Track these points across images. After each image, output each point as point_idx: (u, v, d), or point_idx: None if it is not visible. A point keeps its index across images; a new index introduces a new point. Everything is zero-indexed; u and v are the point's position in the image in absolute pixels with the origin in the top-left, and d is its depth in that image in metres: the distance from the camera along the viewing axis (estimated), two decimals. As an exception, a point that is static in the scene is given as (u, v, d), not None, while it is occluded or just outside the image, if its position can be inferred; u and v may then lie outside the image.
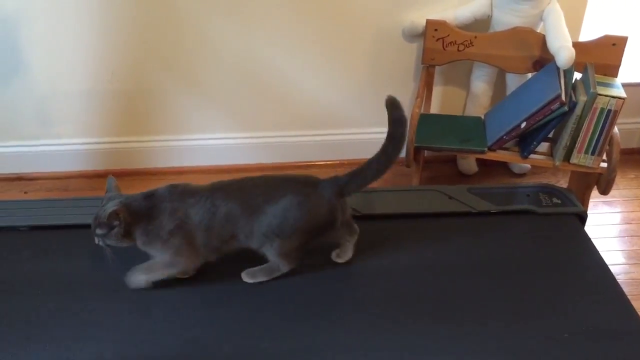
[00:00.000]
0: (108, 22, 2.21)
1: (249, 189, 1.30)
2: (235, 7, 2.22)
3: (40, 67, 2.27)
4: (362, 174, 1.33)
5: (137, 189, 2.34)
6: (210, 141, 2.49)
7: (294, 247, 1.33)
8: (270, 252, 1.32)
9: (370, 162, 1.34)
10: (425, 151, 2.33)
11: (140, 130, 2.45)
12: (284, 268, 1.35)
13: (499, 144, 2.05)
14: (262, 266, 1.36)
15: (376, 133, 2.54)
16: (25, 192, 2.36)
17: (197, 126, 2.46)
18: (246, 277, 1.36)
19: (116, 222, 1.23)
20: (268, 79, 2.38)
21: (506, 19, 2.14)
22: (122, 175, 2.45)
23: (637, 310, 1.37)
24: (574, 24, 2.26)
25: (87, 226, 1.41)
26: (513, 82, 2.29)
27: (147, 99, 2.39)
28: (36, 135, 2.40)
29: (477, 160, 2.46)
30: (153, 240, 1.27)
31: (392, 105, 1.32)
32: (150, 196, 1.28)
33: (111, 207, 1.24)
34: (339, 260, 1.43)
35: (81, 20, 2.19)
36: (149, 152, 2.48)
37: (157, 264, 1.31)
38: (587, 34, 2.30)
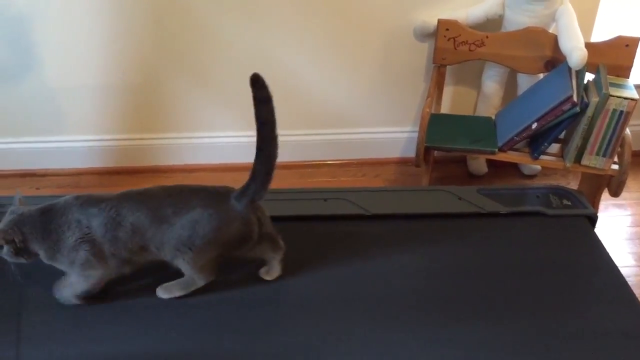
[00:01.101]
0: (120, 21, 2.22)
1: (160, 199, 1.23)
2: (246, 6, 2.22)
3: (53, 65, 2.28)
4: (263, 174, 1.29)
5: (147, 185, 2.38)
6: (220, 139, 2.50)
7: (208, 260, 1.27)
8: (184, 266, 1.27)
9: (259, 161, 1.31)
10: (435, 151, 2.33)
11: (151, 127, 2.46)
12: (200, 282, 1.30)
13: (510, 145, 2.04)
14: (177, 280, 1.31)
15: (386, 132, 2.55)
16: (37, 188, 2.38)
17: (207, 124, 2.46)
18: (161, 292, 1.31)
19: (2, 242, 1.18)
20: (278, 78, 2.37)
21: (518, 18, 2.13)
22: (133, 172, 2.46)
23: (648, 313, 1.36)
24: (587, 25, 2.25)
25: None
26: (524, 82, 2.28)
27: (158, 97, 2.40)
28: (48, 131, 2.42)
29: (487, 160, 2.45)
30: (55, 255, 1.22)
31: (256, 84, 1.24)
32: (48, 210, 1.22)
33: (1, 225, 1.20)
34: (267, 278, 1.38)
35: (93, 19, 2.20)
36: (159, 149, 2.49)
37: (69, 279, 1.26)
38: (600, 35, 2.28)
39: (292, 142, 2.53)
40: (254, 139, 2.58)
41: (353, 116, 2.50)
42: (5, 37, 2.20)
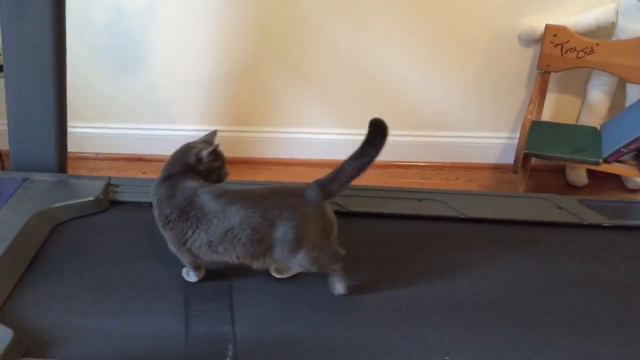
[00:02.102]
0: (229, 18, 2.32)
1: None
2: (353, 9, 2.27)
3: (163, 58, 2.41)
4: (349, 176, 1.31)
5: (244, 177, 2.46)
6: (318, 135, 2.55)
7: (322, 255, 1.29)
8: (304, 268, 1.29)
9: (354, 163, 1.31)
10: (533, 159, 2.27)
11: (252, 121, 2.55)
12: (336, 268, 1.31)
13: (616, 156, 1.97)
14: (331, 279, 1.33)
15: (482, 137, 2.52)
16: (144, 172, 2.52)
17: (306, 120, 2.52)
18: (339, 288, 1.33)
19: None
20: (379, 79, 2.41)
21: (632, 26, 2.05)
22: (232, 162, 2.53)
23: None
24: None
25: None
26: (634, 93, 2.19)
27: (261, 92, 2.48)
28: (155, 120, 2.55)
29: (588, 172, 2.37)
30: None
31: (379, 130, 1.30)
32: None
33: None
34: (279, 276, 1.36)
35: (205, 17, 2.31)
36: (257, 142, 2.58)
37: None
38: None
39: (388, 142, 2.54)
40: (349, 137, 2.63)
41: (450, 119, 2.49)
42: (120, 29, 2.35)
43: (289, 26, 2.32)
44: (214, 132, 1.44)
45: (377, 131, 1.28)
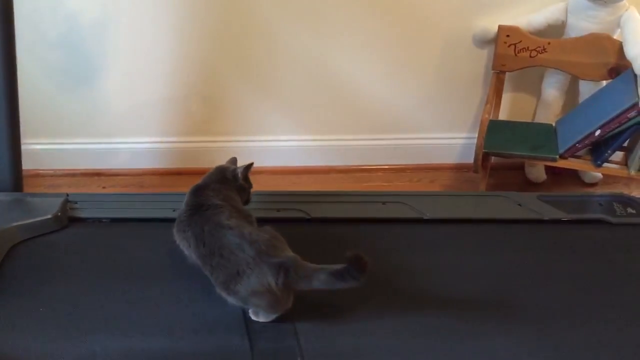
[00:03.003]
0: (186, 27, 2.29)
1: None
2: (308, 14, 2.27)
3: (119, 69, 2.37)
4: (317, 281, 1.21)
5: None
6: (281, 143, 2.55)
7: None
8: None
9: (327, 277, 1.20)
10: (492, 158, 2.31)
11: (214, 130, 2.52)
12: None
13: (572, 152, 2.01)
14: None
15: (442, 138, 2.55)
16: (104, 187, 2.48)
17: (268, 128, 2.51)
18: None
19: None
20: (338, 83, 2.42)
21: (582, 25, 2.10)
22: (195, 173, 2.51)
23: None
24: (653, 31, 2.19)
25: (162, 220, 1.53)
26: (586, 89, 2.25)
27: (220, 101, 2.46)
28: (114, 133, 2.51)
29: (546, 168, 2.42)
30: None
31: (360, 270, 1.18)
32: None
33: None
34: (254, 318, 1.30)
35: (160, 25, 2.28)
36: (220, 151, 2.54)
37: None
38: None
39: (348, 147, 2.56)
40: (313, 143, 2.64)
41: (410, 121, 2.51)
42: (73, 43, 2.30)
43: (247, 35, 2.31)
44: (235, 159, 1.52)
45: (357, 268, 1.19)
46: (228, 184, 1.42)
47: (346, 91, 2.43)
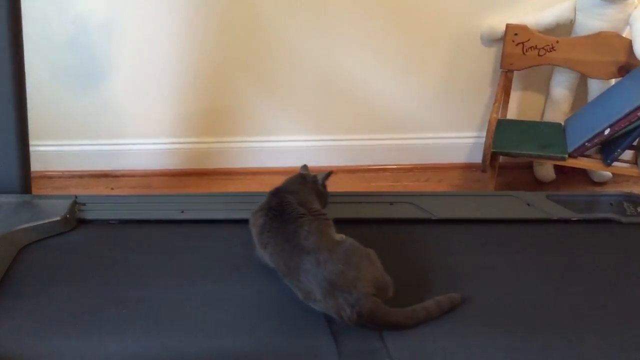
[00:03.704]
0: (192, 28, 2.30)
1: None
2: (314, 12, 2.27)
3: (126, 70, 2.38)
4: None
5: (215, 188, 2.45)
6: (287, 143, 2.55)
7: None
8: None
9: None
10: (501, 157, 2.30)
11: (220, 131, 2.53)
12: None
13: (581, 151, 2.00)
14: None
15: (450, 138, 2.54)
16: (112, 189, 2.49)
17: (274, 128, 2.52)
18: None
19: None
20: (344, 83, 2.41)
21: (590, 23, 2.09)
22: (202, 174, 2.54)
23: None
24: (663, 28, 2.18)
25: (170, 221, 1.55)
26: (595, 88, 2.23)
27: (227, 102, 2.47)
28: (121, 134, 2.52)
29: (555, 167, 2.41)
30: None
31: None
32: None
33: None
34: None
35: (165, 24, 2.28)
36: (227, 152, 2.56)
37: None
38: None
39: (355, 147, 2.55)
40: (319, 143, 2.64)
41: (417, 121, 2.50)
42: (81, 44, 2.31)
43: (254, 36, 2.31)
44: (306, 165, 1.57)
45: None
46: (307, 187, 1.47)
47: (353, 91, 2.42)
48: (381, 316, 1.25)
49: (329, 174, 1.51)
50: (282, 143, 2.55)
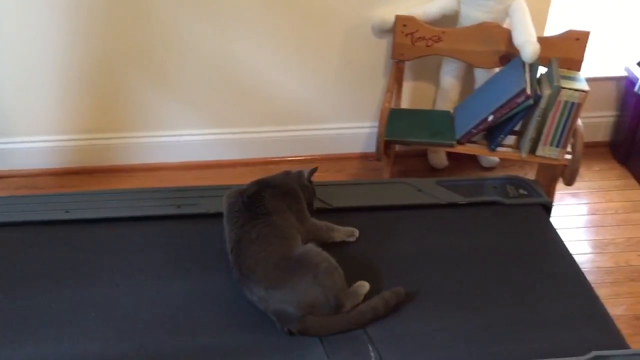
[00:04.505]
0: (77, 18, 2.19)
1: None
2: (207, 3, 2.22)
3: (9, 65, 2.24)
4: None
5: (110, 186, 2.36)
6: (182, 137, 2.49)
7: None
8: None
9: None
10: (396, 145, 2.36)
11: (111, 126, 2.43)
12: None
13: (468, 137, 2.08)
14: None
15: (348, 128, 2.57)
16: (-6, 190, 2.34)
17: (168, 122, 2.45)
18: None
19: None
20: (240, 76, 2.38)
21: (473, 14, 2.17)
22: (92, 172, 2.43)
23: (601, 298, 1.41)
24: (539, 19, 2.30)
25: (54, 222, 1.48)
26: (481, 76, 2.33)
27: (118, 95, 2.37)
28: (4, 133, 2.37)
29: (448, 154, 2.50)
30: None
31: None
32: None
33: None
34: None
35: (50, 14, 2.16)
36: (122, 148, 2.47)
37: None
38: (552, 29, 2.34)
39: (255, 139, 2.53)
40: (215, 137, 2.59)
41: (315, 112, 2.52)
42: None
43: (144, 27, 2.23)
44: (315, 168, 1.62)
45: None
46: (292, 182, 1.53)
47: (248, 83, 2.40)
48: (316, 332, 1.27)
49: (313, 170, 1.58)
50: (179, 137, 2.49)
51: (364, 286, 1.36)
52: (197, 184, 2.31)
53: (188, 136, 2.49)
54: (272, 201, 1.42)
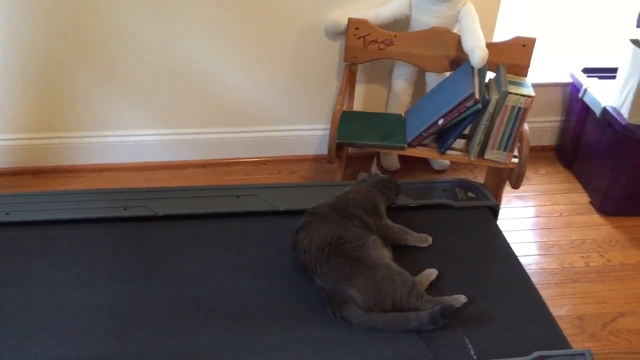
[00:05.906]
0: (20, 12, 2.12)
1: None
2: (158, 1, 2.18)
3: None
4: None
5: (55, 187, 2.29)
6: (132, 137, 2.44)
7: None
8: None
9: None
10: (349, 148, 2.37)
11: (56, 126, 2.36)
12: None
13: (418, 140, 2.10)
14: None
15: (302, 130, 2.57)
16: None
17: (118, 122, 2.40)
18: None
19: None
20: (192, 76, 2.35)
21: (424, 19, 2.20)
22: (37, 173, 2.36)
23: (544, 299, 1.44)
24: (488, 26, 2.35)
25: None
26: (432, 80, 2.36)
27: (64, 94, 2.31)
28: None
29: (400, 156, 2.52)
30: None
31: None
32: None
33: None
34: None
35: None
36: (65, 148, 2.40)
37: None
38: (500, 35, 2.40)
39: (207, 140, 2.50)
40: (166, 137, 2.55)
41: (269, 114, 2.50)
42: None
43: (91, 24, 2.18)
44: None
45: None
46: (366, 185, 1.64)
47: (201, 83, 2.37)
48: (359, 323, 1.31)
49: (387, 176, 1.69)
50: (129, 138, 2.44)
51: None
52: (148, 185, 2.27)
53: (138, 136, 2.44)
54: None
